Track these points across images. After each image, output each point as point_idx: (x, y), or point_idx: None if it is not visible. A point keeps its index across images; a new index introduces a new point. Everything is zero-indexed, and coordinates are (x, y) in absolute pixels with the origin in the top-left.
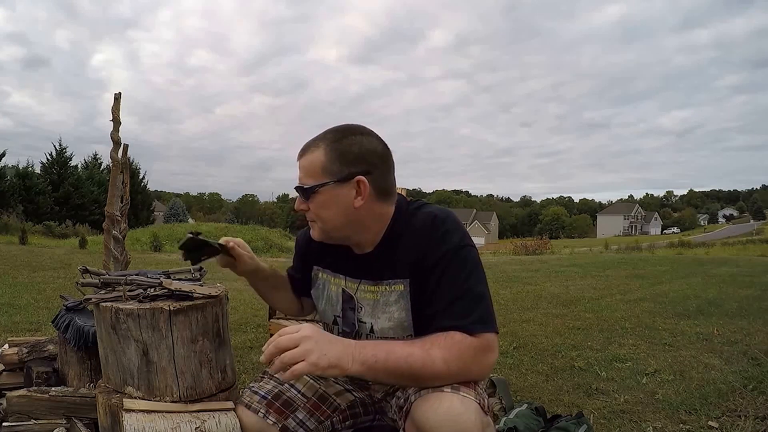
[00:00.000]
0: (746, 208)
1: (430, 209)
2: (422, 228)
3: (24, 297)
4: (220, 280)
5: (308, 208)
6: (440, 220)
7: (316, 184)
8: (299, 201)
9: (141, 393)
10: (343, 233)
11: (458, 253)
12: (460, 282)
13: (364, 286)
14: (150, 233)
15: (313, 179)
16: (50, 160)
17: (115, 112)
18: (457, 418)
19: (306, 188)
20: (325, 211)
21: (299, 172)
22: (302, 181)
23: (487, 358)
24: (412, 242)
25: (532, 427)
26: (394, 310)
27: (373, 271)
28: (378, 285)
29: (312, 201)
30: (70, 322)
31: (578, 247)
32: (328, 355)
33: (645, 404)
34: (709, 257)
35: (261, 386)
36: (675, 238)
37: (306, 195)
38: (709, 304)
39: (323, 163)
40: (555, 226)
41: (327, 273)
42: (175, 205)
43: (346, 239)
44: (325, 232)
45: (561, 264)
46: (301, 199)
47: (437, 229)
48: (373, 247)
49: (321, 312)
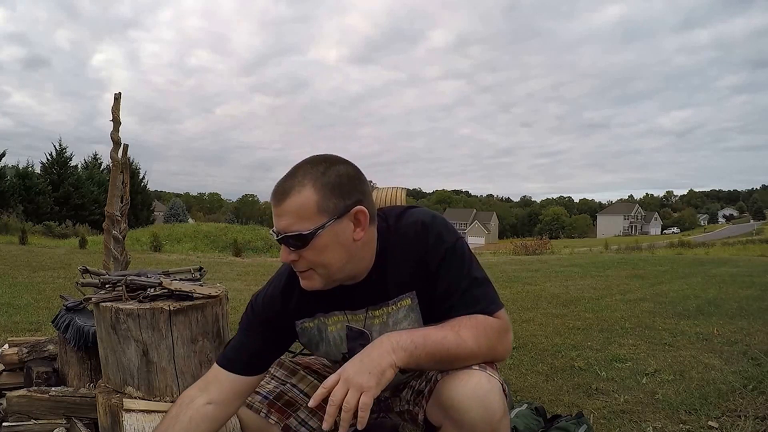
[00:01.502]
0: (746, 208)
1: (414, 217)
2: (415, 236)
3: (24, 297)
4: (219, 281)
5: (299, 257)
6: (429, 224)
7: (316, 227)
8: (288, 252)
9: (141, 393)
10: (345, 273)
11: (455, 248)
12: (464, 274)
13: (370, 313)
14: (150, 233)
15: (310, 223)
16: (50, 160)
17: (115, 112)
18: (485, 395)
19: (305, 234)
20: (326, 255)
21: (283, 220)
22: (293, 228)
23: (508, 335)
24: (409, 253)
25: (532, 427)
26: (405, 326)
27: (377, 294)
28: (384, 307)
29: (310, 248)
30: (70, 322)
31: (578, 247)
32: (375, 367)
33: (645, 404)
34: (709, 257)
35: (262, 386)
36: (675, 238)
37: (304, 242)
38: (709, 304)
39: (317, 202)
40: (555, 226)
41: (319, 317)
42: (175, 205)
43: (345, 278)
44: (328, 277)
45: (561, 264)
46: (291, 249)
47: (430, 233)
48: (366, 272)
49: (323, 354)
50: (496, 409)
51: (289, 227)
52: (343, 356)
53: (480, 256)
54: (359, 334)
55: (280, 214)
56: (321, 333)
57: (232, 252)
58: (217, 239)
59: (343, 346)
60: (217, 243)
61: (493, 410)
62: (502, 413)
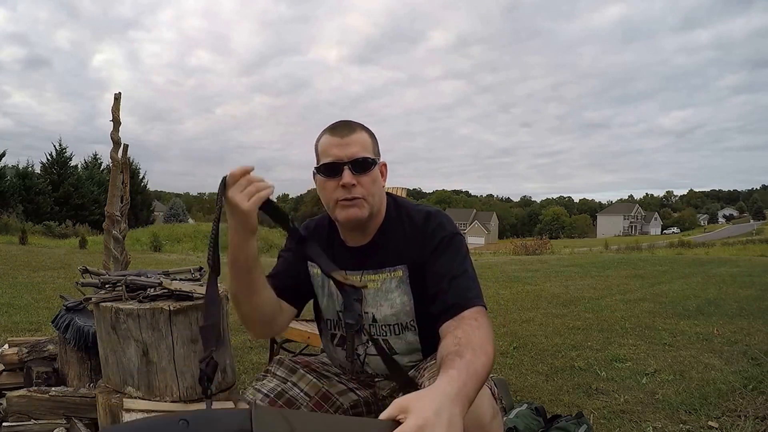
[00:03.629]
0: (746, 208)
1: (422, 206)
2: (419, 220)
3: (24, 297)
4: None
5: (357, 183)
6: (434, 214)
7: (375, 158)
8: (351, 176)
9: (141, 393)
10: (374, 213)
11: (453, 239)
12: (458, 263)
13: (366, 276)
14: (150, 233)
15: (370, 154)
16: (50, 160)
17: (115, 112)
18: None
19: (372, 159)
20: (375, 187)
21: (352, 148)
22: (360, 154)
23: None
24: (410, 232)
25: (532, 427)
26: (395, 297)
27: (375, 259)
28: (379, 273)
29: (368, 175)
30: (70, 322)
31: (578, 247)
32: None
33: (645, 404)
34: (709, 257)
35: (263, 385)
36: (675, 238)
37: (368, 167)
38: (709, 304)
39: (372, 144)
40: (555, 226)
41: None
42: (175, 205)
43: (371, 222)
44: (371, 208)
45: (561, 264)
46: (354, 173)
47: (433, 221)
48: (370, 237)
49: (323, 308)
50: (483, 414)
51: (358, 153)
52: (337, 314)
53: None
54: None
55: (348, 143)
56: (324, 285)
57: None
58: None
59: (339, 303)
60: None
61: (482, 415)
62: (492, 416)
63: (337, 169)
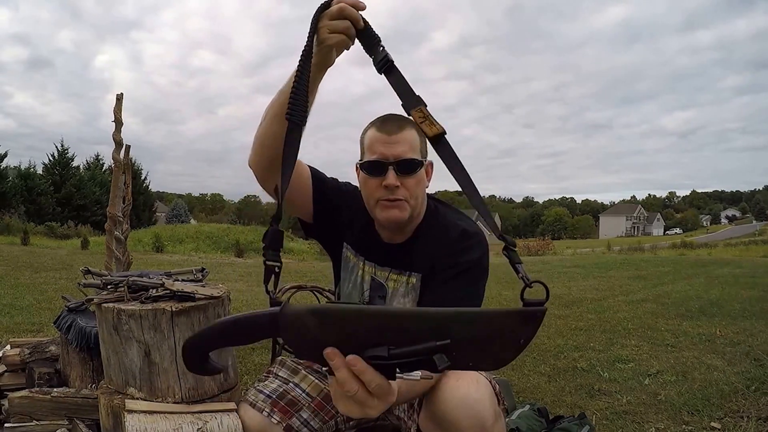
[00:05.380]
0: (749, 208)
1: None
2: (453, 235)
3: (26, 298)
4: (221, 281)
5: (400, 185)
6: (470, 235)
7: (422, 160)
8: (395, 177)
9: (143, 394)
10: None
11: (473, 269)
12: (466, 294)
13: (392, 275)
14: (152, 234)
15: (417, 155)
16: (52, 161)
17: (117, 113)
18: (473, 405)
19: (419, 161)
20: (419, 189)
21: (400, 147)
22: (407, 155)
23: None
24: (439, 243)
25: (534, 428)
26: (406, 302)
27: (402, 261)
28: (402, 275)
29: (413, 177)
30: (72, 323)
31: (581, 248)
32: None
33: (647, 405)
34: (712, 258)
35: (266, 385)
36: (677, 239)
37: (414, 169)
38: (711, 305)
39: (420, 143)
40: (557, 227)
41: (358, 258)
42: (177, 206)
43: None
44: (412, 211)
45: (563, 265)
46: (399, 174)
47: (465, 242)
48: (405, 238)
49: (345, 294)
50: (486, 417)
51: (405, 153)
52: (360, 303)
53: None
54: (380, 286)
55: (397, 141)
56: (353, 271)
57: (234, 253)
58: (219, 240)
59: (366, 296)
60: (219, 244)
61: (484, 418)
62: (494, 419)
63: (382, 168)
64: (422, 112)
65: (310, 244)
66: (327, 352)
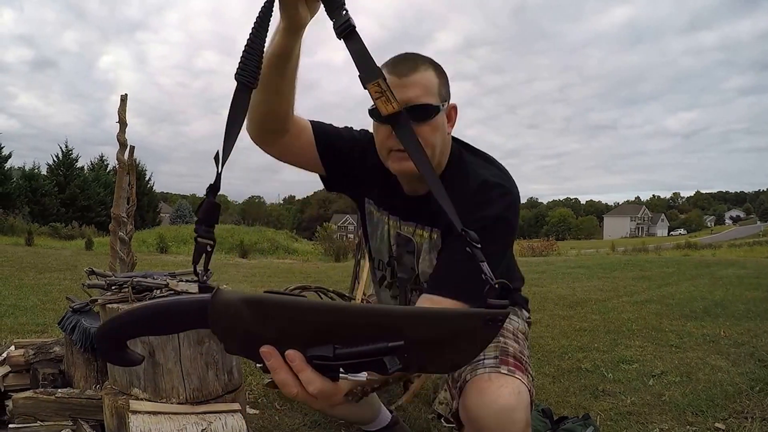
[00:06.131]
0: (753, 209)
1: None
2: (472, 186)
3: (30, 298)
4: (226, 282)
5: None
6: (491, 186)
7: (439, 104)
8: None
9: (147, 394)
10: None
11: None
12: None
13: (418, 230)
14: (156, 235)
15: (434, 99)
16: (57, 162)
17: (121, 113)
18: (509, 415)
19: (434, 106)
20: (436, 136)
21: (411, 90)
22: (420, 100)
23: None
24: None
25: (539, 428)
26: (432, 258)
27: (425, 215)
28: (427, 231)
29: (428, 124)
30: (76, 324)
31: (585, 249)
32: None
33: (652, 406)
34: (716, 259)
35: None
36: (682, 240)
37: (430, 115)
38: (716, 306)
39: (438, 84)
40: (561, 227)
41: (381, 212)
42: (182, 207)
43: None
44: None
45: (567, 265)
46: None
47: (485, 193)
48: (428, 188)
49: (374, 248)
50: (519, 429)
51: (417, 98)
52: (389, 258)
53: None
54: (407, 241)
55: (408, 84)
56: (378, 227)
57: (238, 253)
58: (223, 241)
59: (393, 249)
60: (223, 244)
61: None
62: (524, 427)
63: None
64: (379, 86)
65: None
66: (263, 351)
